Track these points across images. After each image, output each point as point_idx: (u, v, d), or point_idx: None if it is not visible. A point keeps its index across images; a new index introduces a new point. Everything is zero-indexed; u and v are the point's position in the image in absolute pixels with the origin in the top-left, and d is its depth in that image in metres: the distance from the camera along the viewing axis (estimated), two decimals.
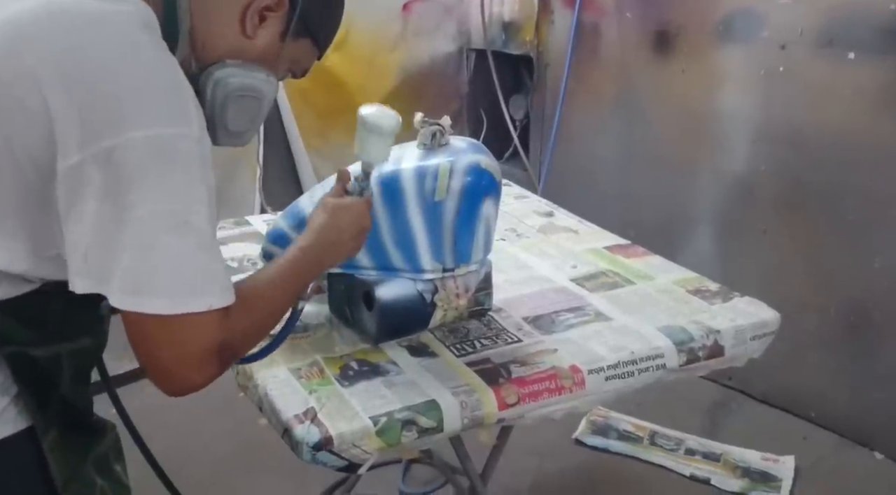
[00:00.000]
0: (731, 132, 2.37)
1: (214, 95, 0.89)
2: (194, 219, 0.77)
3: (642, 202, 2.61)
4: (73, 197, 0.75)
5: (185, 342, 0.77)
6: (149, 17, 0.81)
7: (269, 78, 0.93)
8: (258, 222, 1.76)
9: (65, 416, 0.86)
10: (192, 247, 0.77)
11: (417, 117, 1.26)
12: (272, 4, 0.89)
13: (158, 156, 0.75)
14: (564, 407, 1.19)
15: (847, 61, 2.04)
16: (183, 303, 0.76)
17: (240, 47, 0.90)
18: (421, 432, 1.08)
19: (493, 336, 1.29)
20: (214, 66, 0.89)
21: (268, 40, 0.91)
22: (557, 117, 2.83)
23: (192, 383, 0.80)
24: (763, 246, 2.33)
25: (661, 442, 2.20)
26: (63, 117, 0.74)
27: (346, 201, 1.05)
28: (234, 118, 0.91)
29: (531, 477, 2.07)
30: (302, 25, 0.93)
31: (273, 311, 0.92)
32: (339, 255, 1.03)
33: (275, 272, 0.93)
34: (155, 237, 0.75)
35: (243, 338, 0.85)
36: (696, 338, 1.28)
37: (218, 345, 0.79)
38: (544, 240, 1.70)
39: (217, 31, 0.89)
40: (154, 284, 0.75)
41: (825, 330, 2.23)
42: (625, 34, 2.63)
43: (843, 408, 2.23)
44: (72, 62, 0.75)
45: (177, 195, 0.76)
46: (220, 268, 0.80)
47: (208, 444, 2.12)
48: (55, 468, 0.85)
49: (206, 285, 0.78)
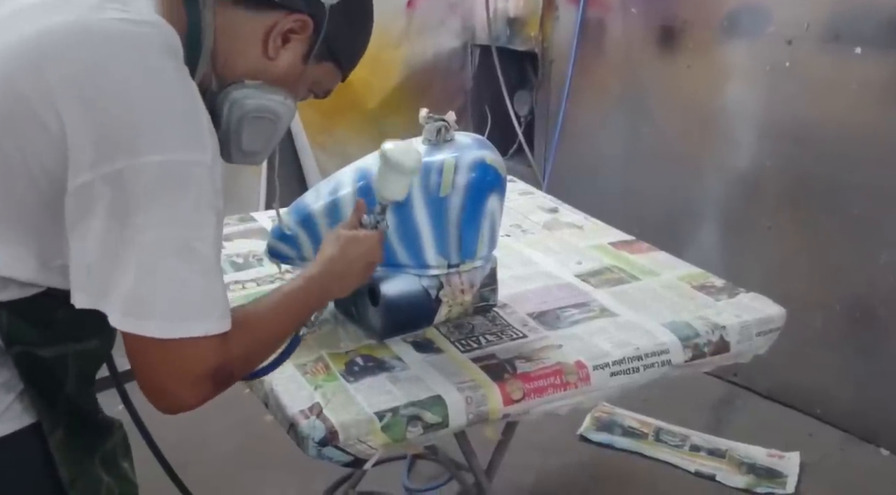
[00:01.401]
0: (736, 128, 2.36)
1: (230, 115, 0.89)
2: (199, 246, 0.77)
3: (647, 198, 2.60)
4: (80, 213, 0.75)
5: (180, 365, 0.78)
6: (172, 38, 0.81)
7: (287, 100, 0.92)
8: (263, 218, 1.77)
9: (71, 416, 0.86)
10: (195, 273, 0.77)
11: (422, 113, 1.26)
12: (296, 27, 0.89)
13: (169, 182, 0.75)
14: (569, 403, 1.19)
15: (854, 56, 2.03)
16: (181, 328, 0.77)
17: (261, 68, 0.90)
18: (426, 428, 1.08)
19: (498, 332, 1.29)
20: (233, 86, 0.89)
21: (290, 62, 0.91)
22: (562, 113, 2.83)
23: (186, 404, 0.81)
24: (768, 242, 2.32)
25: (665, 438, 2.20)
26: (77, 136, 0.74)
27: (359, 234, 1.05)
28: (249, 139, 0.92)
29: (536, 473, 2.07)
30: (326, 49, 0.92)
31: (273, 338, 0.92)
32: (346, 287, 1.04)
33: (279, 299, 0.94)
34: (158, 261, 0.75)
35: (240, 363, 0.85)
36: (701, 334, 1.28)
37: (214, 369, 0.80)
38: (549, 237, 1.70)
39: (239, 50, 0.88)
40: (153, 308, 0.76)
41: (830, 326, 2.22)
42: (630, 30, 2.62)
43: (849, 405, 2.22)
44: (91, 83, 0.75)
45: (184, 221, 0.76)
46: (220, 293, 0.80)
47: (214, 440, 2.12)
48: (62, 466, 0.85)
49: (204, 311, 0.78)
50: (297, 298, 0.95)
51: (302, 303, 0.96)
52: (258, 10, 0.87)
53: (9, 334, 0.80)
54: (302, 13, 0.88)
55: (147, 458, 1.15)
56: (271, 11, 0.87)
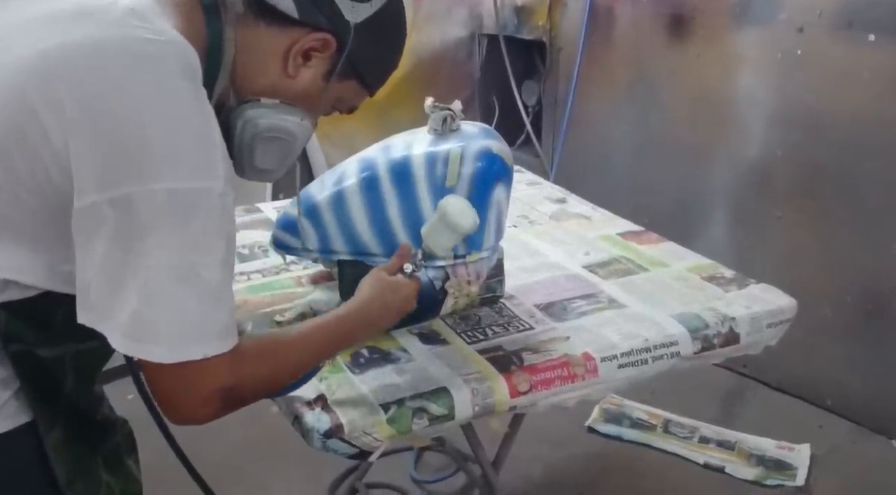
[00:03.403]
0: (747, 117, 2.33)
1: (243, 133, 0.88)
2: (204, 272, 0.77)
3: (656, 188, 2.58)
4: (86, 232, 0.75)
5: (186, 385, 0.79)
6: (191, 58, 0.80)
7: (304, 121, 0.90)
8: (269, 209, 1.76)
9: (70, 415, 0.86)
10: (197, 298, 0.77)
11: (428, 102, 1.25)
12: (318, 46, 0.87)
13: (177, 210, 0.74)
14: (577, 394, 1.18)
15: (867, 43, 1.99)
16: (179, 353, 0.77)
17: (280, 85, 0.88)
18: (432, 420, 1.07)
19: (505, 323, 1.28)
20: (248, 105, 0.88)
21: (310, 79, 0.89)
22: (570, 103, 2.80)
23: (196, 420, 0.82)
24: (779, 232, 2.30)
25: (674, 430, 2.18)
26: (82, 158, 0.73)
27: (400, 281, 1.06)
28: (262, 157, 0.91)
29: (543, 465, 2.06)
30: (349, 67, 0.90)
31: (292, 367, 0.91)
32: (375, 331, 1.06)
33: (306, 331, 0.94)
34: (161, 287, 0.75)
35: (253, 386, 0.85)
36: (710, 326, 1.27)
37: (223, 389, 0.80)
38: (557, 227, 1.68)
39: (259, 66, 0.87)
40: (155, 333, 0.76)
41: (841, 317, 2.20)
42: (639, 17, 2.60)
43: (860, 396, 2.21)
44: (104, 106, 0.74)
45: (190, 247, 0.76)
46: (224, 316, 0.80)
47: (220, 432, 2.11)
48: (58, 466, 0.85)
49: (204, 334, 0.78)
50: (326, 334, 0.95)
51: (331, 339, 0.96)
52: (279, 27, 0.85)
53: (7, 333, 0.80)
54: (324, 31, 0.86)
55: (157, 448, 1.15)
56: (292, 29, 0.85)
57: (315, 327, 0.95)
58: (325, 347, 0.95)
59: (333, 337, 0.96)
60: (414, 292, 1.07)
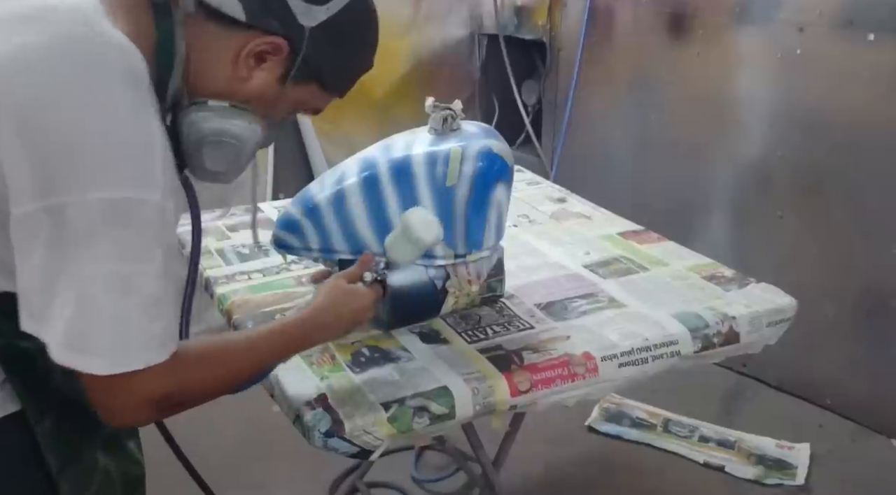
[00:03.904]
0: (747, 116, 2.33)
1: (189, 137, 0.87)
2: (141, 281, 0.76)
3: (656, 187, 2.58)
4: (23, 240, 0.75)
5: (122, 393, 0.79)
6: (134, 62, 0.79)
7: (252, 124, 0.88)
8: (269, 209, 1.76)
9: (62, 404, 0.86)
10: (134, 308, 0.77)
11: (428, 102, 1.25)
12: (270, 49, 0.84)
13: (112, 220, 0.74)
14: (577, 394, 1.18)
15: (867, 43, 2.00)
16: (118, 364, 0.77)
17: (233, 87, 0.86)
18: (433, 419, 1.07)
19: (506, 322, 1.28)
20: (194, 107, 0.86)
21: (264, 82, 0.87)
22: (570, 102, 2.80)
23: (133, 423, 0.83)
24: (779, 232, 2.30)
25: (674, 429, 2.19)
26: (15, 167, 0.73)
27: (357, 290, 1.05)
28: (211, 160, 0.89)
29: (544, 465, 2.06)
30: (305, 70, 0.88)
31: (234, 373, 0.90)
32: (329, 338, 1.06)
33: (254, 337, 0.94)
34: (97, 296, 0.75)
35: (191, 392, 0.85)
36: (710, 325, 1.27)
37: (159, 396, 0.80)
38: (557, 227, 1.68)
39: (211, 67, 0.85)
40: (91, 343, 0.76)
41: (842, 317, 2.20)
42: (639, 17, 2.60)
43: (860, 396, 2.21)
44: (39, 114, 0.74)
45: (126, 257, 0.75)
46: (161, 326, 0.79)
47: (221, 431, 2.13)
48: (49, 454, 0.85)
49: (143, 344, 0.78)
50: (273, 341, 0.95)
51: (279, 346, 0.96)
52: (229, 28, 0.83)
53: None
54: (276, 35, 0.84)
55: (156, 447, 1.15)
56: (243, 31, 0.83)
57: (263, 333, 0.95)
58: (271, 353, 0.95)
59: (282, 343, 0.96)
60: (371, 302, 1.06)
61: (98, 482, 0.91)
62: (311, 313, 1.01)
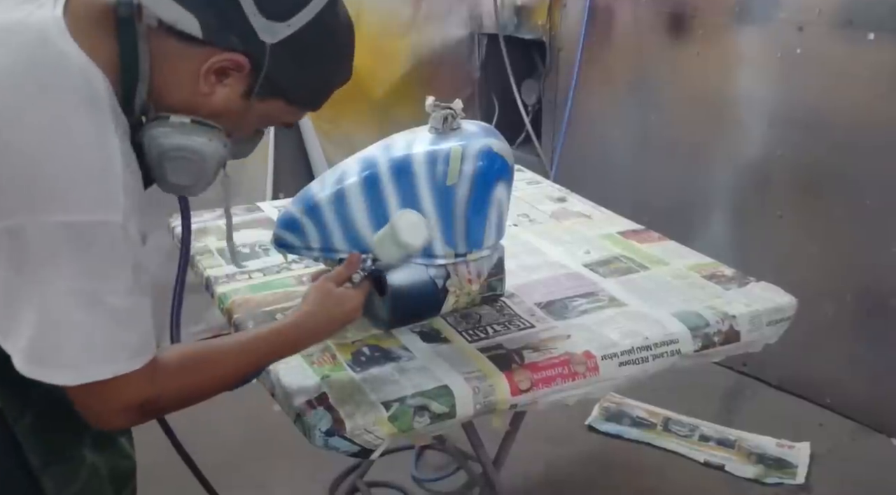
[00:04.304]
0: (746, 116, 2.33)
1: (150, 151, 0.87)
2: (108, 298, 0.77)
3: (656, 187, 2.58)
4: None
5: (100, 400, 0.80)
6: (95, 83, 0.79)
7: (213, 140, 0.87)
8: (269, 208, 1.76)
9: (45, 402, 0.86)
10: (102, 323, 0.77)
11: (429, 101, 1.25)
12: (231, 65, 0.84)
13: (72, 243, 0.74)
14: (578, 393, 1.18)
15: (867, 42, 2.00)
16: (86, 374, 0.77)
17: (197, 102, 0.86)
18: (433, 418, 1.08)
19: (506, 321, 1.28)
20: (156, 122, 0.86)
21: (227, 98, 0.86)
22: (570, 102, 2.80)
23: (115, 427, 0.83)
24: (779, 231, 2.30)
25: (674, 428, 2.19)
26: None
27: (345, 294, 1.06)
28: (173, 175, 0.89)
29: (544, 464, 2.07)
30: (269, 87, 0.87)
31: (219, 379, 0.91)
32: (318, 340, 1.06)
33: (241, 342, 0.94)
34: (61, 312, 0.75)
35: (174, 397, 0.85)
36: (711, 324, 1.27)
37: (140, 402, 0.81)
38: (557, 226, 1.68)
39: (175, 82, 0.85)
40: (56, 356, 0.76)
41: (841, 316, 2.20)
42: (639, 17, 2.60)
43: (860, 395, 2.21)
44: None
45: (90, 276, 0.76)
46: (134, 337, 0.79)
47: (222, 430, 2.13)
48: (31, 453, 0.86)
49: (111, 355, 0.78)
50: (261, 346, 0.95)
51: (267, 351, 0.96)
52: (189, 44, 0.83)
53: None
54: (235, 52, 0.84)
55: (159, 447, 1.15)
56: (202, 47, 0.83)
57: (251, 339, 0.95)
58: (259, 359, 0.96)
59: (270, 348, 0.96)
60: (359, 304, 1.07)
61: (84, 478, 0.92)
62: (299, 318, 1.01)
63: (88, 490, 0.92)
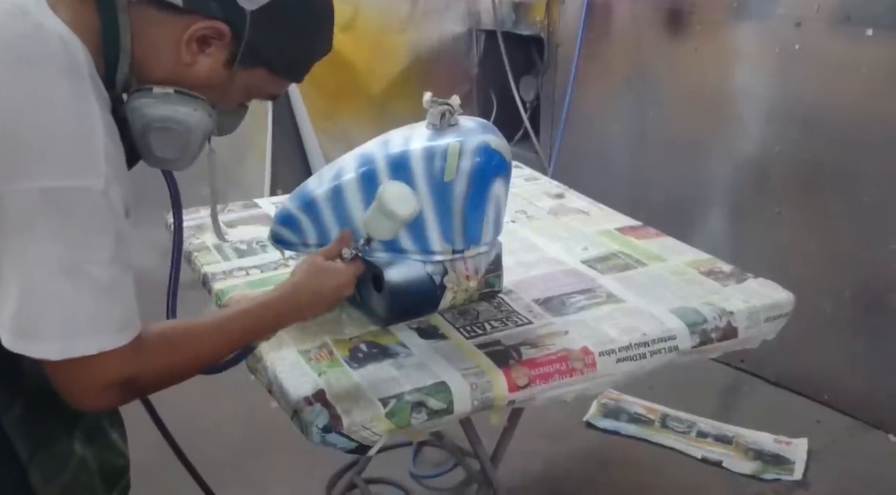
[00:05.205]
0: (745, 112, 2.33)
1: (134, 123, 0.87)
2: (90, 268, 0.76)
3: (654, 183, 2.58)
4: None
5: (81, 378, 0.78)
6: (74, 51, 0.78)
7: (198, 110, 0.87)
8: (267, 204, 1.76)
9: (35, 392, 0.85)
10: (85, 294, 0.76)
11: (426, 97, 1.25)
12: (212, 34, 0.84)
13: (52, 209, 0.74)
14: (575, 389, 1.18)
15: (865, 38, 1.99)
16: (70, 348, 0.76)
17: (179, 73, 0.86)
18: (431, 414, 1.08)
19: (504, 318, 1.28)
20: (138, 94, 0.86)
21: (210, 68, 0.86)
22: (568, 98, 2.80)
23: (96, 408, 0.82)
24: (777, 227, 2.30)
25: (672, 424, 2.19)
26: None
27: (336, 267, 1.05)
28: (159, 147, 0.89)
29: (542, 460, 2.07)
30: (251, 55, 0.87)
31: (205, 356, 0.89)
32: (305, 317, 1.04)
33: (225, 318, 0.93)
34: (42, 283, 0.75)
35: (157, 376, 0.84)
36: (708, 320, 1.27)
37: (122, 380, 0.80)
38: (555, 222, 1.68)
39: (157, 54, 0.85)
40: (41, 329, 0.75)
41: (839, 312, 2.20)
42: (637, 13, 2.59)
43: (857, 391, 2.21)
44: None
45: (72, 245, 0.75)
46: (119, 310, 0.79)
47: (219, 427, 2.13)
48: (17, 443, 0.85)
49: (96, 329, 0.77)
50: (247, 321, 0.94)
51: (253, 326, 0.95)
52: (169, 14, 0.83)
53: None
54: (215, 19, 0.84)
55: (155, 445, 1.16)
56: (182, 16, 0.83)
57: (236, 314, 0.94)
58: (244, 333, 0.94)
59: (256, 323, 0.95)
60: (351, 278, 1.05)
61: (72, 470, 0.91)
62: (286, 292, 0.99)
63: (77, 483, 0.91)
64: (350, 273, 1.06)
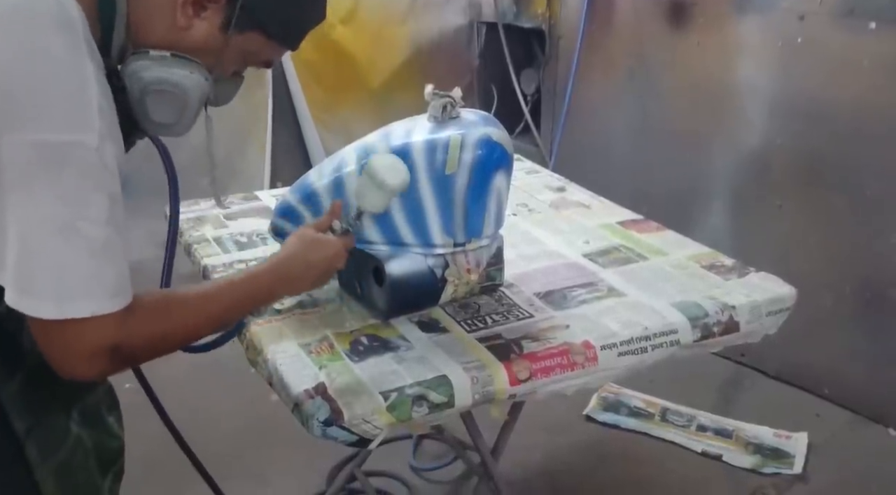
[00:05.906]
0: (747, 105, 2.32)
1: (131, 87, 0.87)
2: (84, 226, 0.76)
3: (656, 176, 2.58)
4: None
5: (70, 342, 0.78)
6: (70, 9, 0.78)
7: (194, 74, 0.88)
8: (267, 197, 1.75)
9: (33, 367, 0.85)
10: (79, 253, 0.76)
11: (428, 89, 1.24)
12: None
13: (46, 162, 0.74)
14: (576, 383, 1.18)
15: (868, 31, 1.99)
16: (64, 309, 0.76)
17: (174, 37, 0.87)
18: (432, 407, 1.07)
19: (505, 311, 1.28)
20: (134, 57, 0.86)
21: (206, 32, 0.87)
22: (570, 91, 2.79)
23: (83, 375, 0.81)
24: (779, 221, 2.30)
25: (672, 418, 2.19)
26: None
27: (326, 238, 1.04)
28: (156, 111, 0.89)
29: (542, 454, 2.07)
30: (246, 18, 0.88)
31: (192, 326, 0.89)
32: (297, 289, 1.04)
33: (214, 289, 0.92)
34: (38, 240, 0.75)
35: (145, 344, 0.83)
36: (710, 314, 1.27)
37: (110, 347, 0.79)
38: (556, 215, 1.68)
39: (152, 18, 0.86)
40: (38, 287, 0.75)
41: (840, 306, 2.20)
42: (639, 5, 2.58)
43: (857, 385, 2.21)
44: None
45: (65, 201, 0.75)
46: (112, 273, 0.78)
47: (220, 420, 2.13)
48: (14, 416, 0.85)
49: (90, 291, 0.77)
50: (235, 293, 0.93)
51: (242, 297, 0.94)
52: None
53: None
54: None
55: (157, 436, 1.15)
56: None
57: (224, 285, 0.93)
58: (234, 304, 0.93)
59: (246, 294, 0.94)
60: (342, 250, 1.05)
61: (69, 448, 0.91)
62: (277, 263, 0.99)
63: (73, 460, 0.91)
64: (340, 246, 1.06)
